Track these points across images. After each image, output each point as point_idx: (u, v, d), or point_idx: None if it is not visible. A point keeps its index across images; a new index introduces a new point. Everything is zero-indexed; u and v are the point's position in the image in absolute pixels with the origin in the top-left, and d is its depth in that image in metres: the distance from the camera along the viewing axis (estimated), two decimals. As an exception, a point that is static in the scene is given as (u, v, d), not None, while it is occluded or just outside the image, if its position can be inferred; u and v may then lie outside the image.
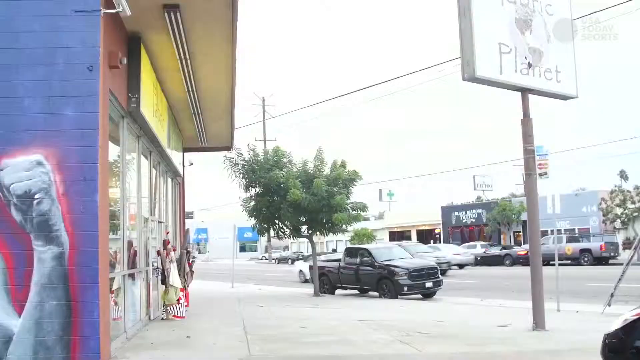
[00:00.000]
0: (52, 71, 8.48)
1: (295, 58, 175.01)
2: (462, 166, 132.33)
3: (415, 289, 22.11)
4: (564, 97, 13.50)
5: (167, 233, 16.79)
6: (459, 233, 65.49)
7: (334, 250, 60.87)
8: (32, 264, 8.14)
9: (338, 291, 24.87)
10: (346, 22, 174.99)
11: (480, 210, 63.76)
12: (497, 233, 60.46)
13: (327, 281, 25.08)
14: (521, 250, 42.77)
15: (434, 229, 70.66)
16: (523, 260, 37.71)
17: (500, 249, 48.33)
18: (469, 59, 11.71)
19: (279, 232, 24.01)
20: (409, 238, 70.50)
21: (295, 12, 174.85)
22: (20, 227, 8.18)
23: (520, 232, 58.12)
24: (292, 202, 21.17)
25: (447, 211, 68.60)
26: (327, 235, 25.08)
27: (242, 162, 22.87)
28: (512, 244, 55.86)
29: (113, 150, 10.32)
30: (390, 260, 23.25)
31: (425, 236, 69.06)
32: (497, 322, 13.69)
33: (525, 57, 12.43)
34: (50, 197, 8.23)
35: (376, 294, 22.99)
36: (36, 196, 8.21)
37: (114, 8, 8.88)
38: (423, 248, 39.33)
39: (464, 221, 65.59)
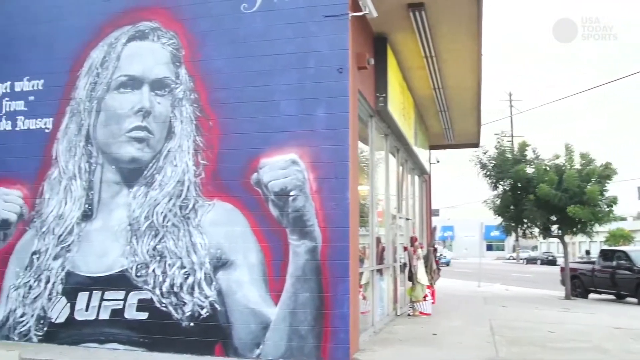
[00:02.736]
0: (304, 75, 8.94)
1: (537, 49, 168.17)
2: None
3: (682, 297, 20.17)
4: None
5: (414, 230, 16.94)
6: None
7: (587, 253, 57.55)
8: (288, 256, 8.65)
9: (591, 295, 23.47)
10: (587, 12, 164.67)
11: None
12: None
13: (579, 284, 23.76)
14: None
15: None
16: None
17: None
18: None
19: (526, 231, 23.14)
20: (673, 240, 64.54)
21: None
22: (277, 222, 8.75)
23: None
24: (541, 198, 20.19)
25: None
26: (576, 236, 23.66)
27: (487, 159, 22.40)
28: None
29: (362, 149, 10.62)
30: (651, 264, 21.44)
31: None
32: None
33: None
34: (304, 194, 8.68)
35: (635, 300, 21.33)
36: (291, 193, 8.71)
37: (361, 11, 9.14)
38: None
39: None
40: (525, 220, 22.23)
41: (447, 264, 56.62)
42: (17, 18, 10.59)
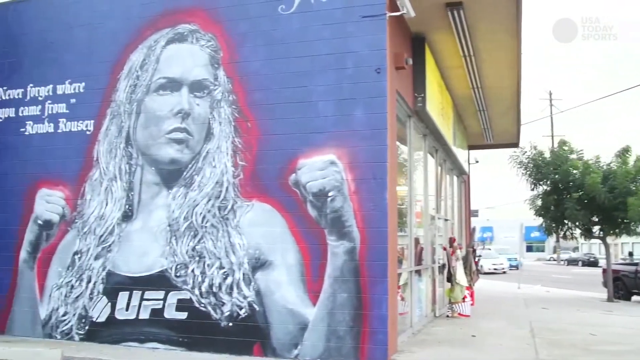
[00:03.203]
0: (342, 75, 8.92)
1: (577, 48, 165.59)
2: None
3: None
4: None
5: (453, 231, 16.81)
6: None
7: (630, 254, 56.43)
8: (326, 257, 8.65)
9: (634, 297, 23.01)
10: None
11: None
12: None
13: (622, 286, 23.29)
14: None
15: None
16: None
17: None
18: None
19: (567, 232, 22.75)
20: None
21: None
22: (315, 223, 8.75)
23: None
24: (587, 193, 19.75)
25: None
26: (620, 237, 23.16)
27: (526, 160, 22.07)
28: None
29: (400, 149, 10.57)
30: (699, 265, 20.94)
31: None
32: None
33: None
34: (342, 194, 8.67)
35: (679, 302, 20.88)
36: (330, 194, 8.70)
37: (399, 11, 9.08)
38: None
39: None
40: (566, 221, 21.86)
41: (517, 267, 50.04)
42: (58, 22, 10.78)
